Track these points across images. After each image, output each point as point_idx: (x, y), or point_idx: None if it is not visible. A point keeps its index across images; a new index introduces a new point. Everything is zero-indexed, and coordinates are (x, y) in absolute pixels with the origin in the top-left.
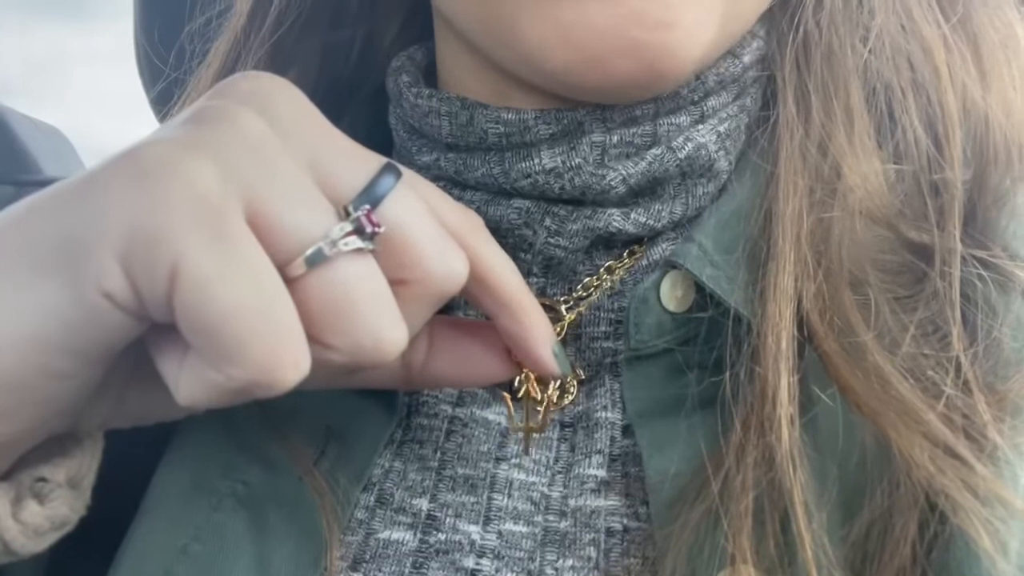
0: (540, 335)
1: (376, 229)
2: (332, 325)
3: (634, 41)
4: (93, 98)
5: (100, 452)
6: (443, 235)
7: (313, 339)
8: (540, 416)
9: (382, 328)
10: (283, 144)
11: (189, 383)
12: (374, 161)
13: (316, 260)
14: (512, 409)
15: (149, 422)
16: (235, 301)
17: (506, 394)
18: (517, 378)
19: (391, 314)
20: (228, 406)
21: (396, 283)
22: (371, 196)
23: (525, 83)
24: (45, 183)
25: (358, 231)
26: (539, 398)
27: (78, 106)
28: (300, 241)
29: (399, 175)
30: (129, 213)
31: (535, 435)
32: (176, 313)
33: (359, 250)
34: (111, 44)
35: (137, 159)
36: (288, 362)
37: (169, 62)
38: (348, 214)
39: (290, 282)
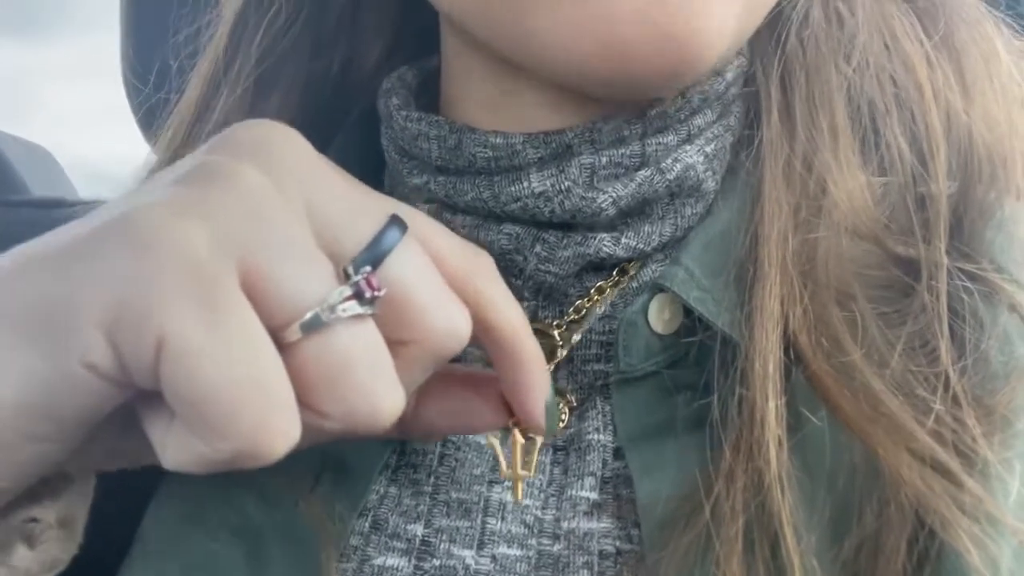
0: (537, 387)
1: (376, 293)
2: (327, 392)
3: (660, 30)
4: (62, 114)
5: (91, 491)
6: (446, 293)
7: (306, 405)
8: (530, 462)
9: (379, 395)
10: (283, 199)
11: (175, 450)
12: (379, 213)
13: (312, 327)
14: (500, 452)
15: (142, 464)
16: (223, 374)
17: (493, 440)
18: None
19: (388, 380)
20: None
21: (395, 343)
22: (374, 254)
23: (528, 94)
24: (34, 204)
25: (357, 295)
26: (526, 444)
27: (46, 123)
28: (296, 306)
29: (404, 228)
30: (117, 283)
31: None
32: (162, 384)
33: (358, 315)
34: (75, 60)
35: (129, 225)
36: (277, 434)
37: (151, 80)
38: (348, 276)
39: (284, 347)
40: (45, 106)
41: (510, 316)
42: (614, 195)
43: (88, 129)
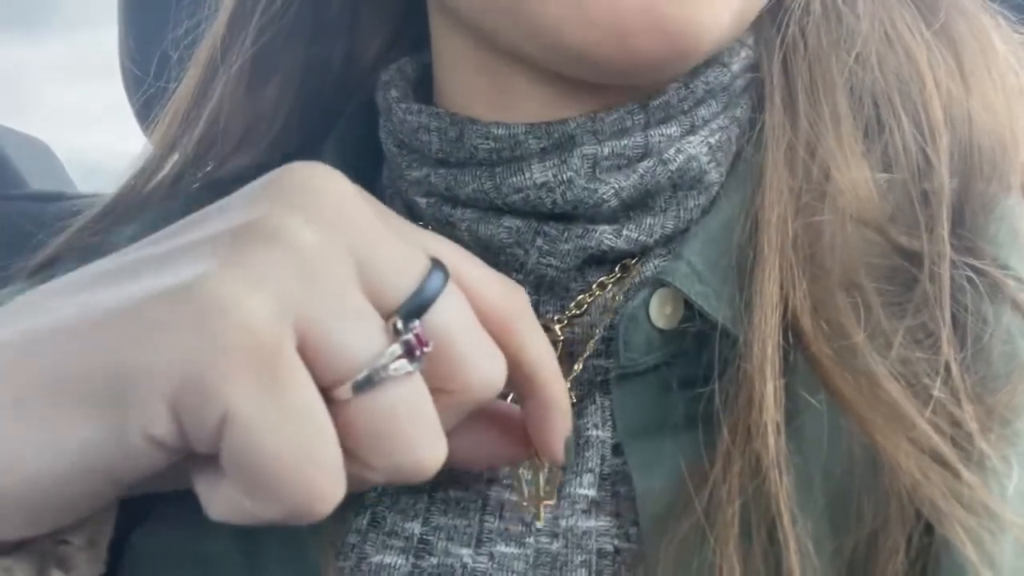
0: (561, 427)
1: (425, 349)
2: (374, 448)
3: (659, 15)
4: (56, 110)
5: (116, 508)
6: (485, 341)
7: (352, 458)
8: (551, 491)
9: (424, 448)
10: (333, 254)
11: (221, 504)
12: (421, 259)
13: (364, 387)
14: (523, 482)
15: (169, 489)
16: (281, 445)
17: (522, 471)
18: None
19: (433, 432)
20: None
21: (434, 391)
22: (419, 304)
23: (521, 87)
24: (32, 197)
25: (408, 354)
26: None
27: (40, 118)
28: (349, 366)
29: (446, 274)
30: (183, 359)
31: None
32: (221, 453)
33: (407, 372)
34: (65, 54)
35: (191, 295)
36: (325, 496)
37: (152, 71)
38: (397, 332)
39: (335, 404)
40: (39, 100)
41: (543, 358)
42: (616, 186)
43: (82, 123)
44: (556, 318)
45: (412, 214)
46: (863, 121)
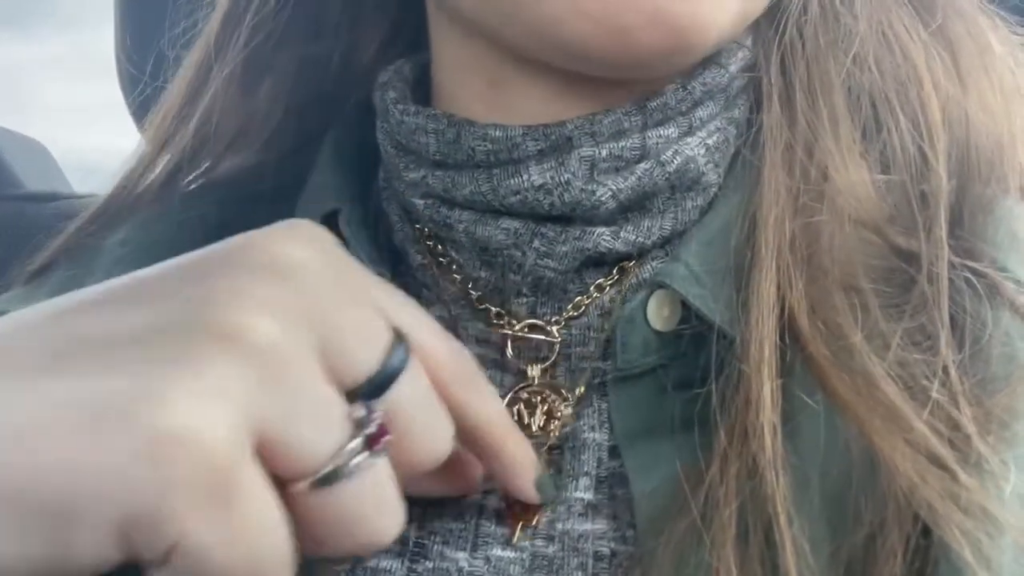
0: (523, 475)
1: (386, 439)
2: (334, 533)
3: (659, 10)
4: (53, 109)
5: None
6: (439, 415)
7: (311, 540)
8: (530, 517)
9: (382, 525)
10: (295, 347)
11: None
12: (384, 334)
13: (325, 483)
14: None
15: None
16: (234, 562)
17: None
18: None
19: (392, 508)
20: None
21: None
22: (382, 380)
23: (518, 86)
24: (28, 198)
25: (369, 447)
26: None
27: (38, 118)
28: (309, 463)
29: (406, 350)
30: (133, 488)
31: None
32: (172, 568)
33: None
34: (62, 53)
35: (139, 414)
36: None
37: (148, 70)
38: (359, 423)
39: (293, 497)
40: (36, 100)
41: (494, 418)
42: (614, 188)
43: (79, 123)
44: (554, 320)
45: (409, 216)
46: (861, 122)
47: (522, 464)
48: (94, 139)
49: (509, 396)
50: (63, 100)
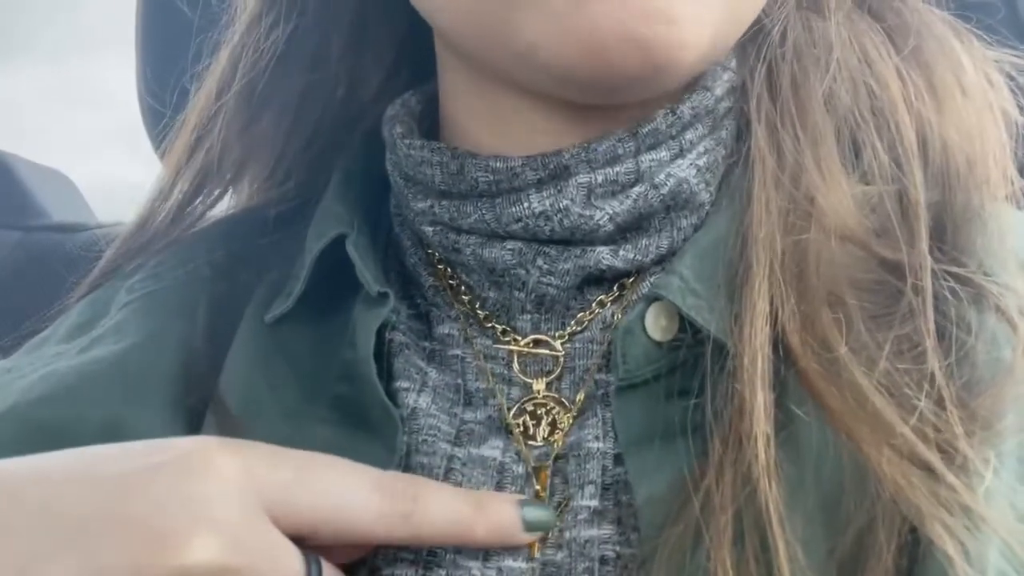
0: (507, 536)
1: None
2: None
3: (636, 35)
4: (50, 139)
5: None
6: None
7: None
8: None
9: None
10: None
11: None
12: (294, 564)
13: None
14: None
15: None
16: None
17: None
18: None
19: None
20: None
21: None
22: None
23: (519, 111)
24: (55, 228)
25: None
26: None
27: (35, 148)
28: None
29: (319, 567)
30: None
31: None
32: None
33: None
34: (56, 83)
35: None
36: None
37: (171, 103)
38: None
39: None
40: (28, 127)
41: (447, 528)
42: (610, 211)
43: (71, 150)
44: (557, 335)
45: (420, 241)
46: (844, 141)
47: (500, 531)
48: (94, 166)
49: (515, 408)
50: (54, 128)
